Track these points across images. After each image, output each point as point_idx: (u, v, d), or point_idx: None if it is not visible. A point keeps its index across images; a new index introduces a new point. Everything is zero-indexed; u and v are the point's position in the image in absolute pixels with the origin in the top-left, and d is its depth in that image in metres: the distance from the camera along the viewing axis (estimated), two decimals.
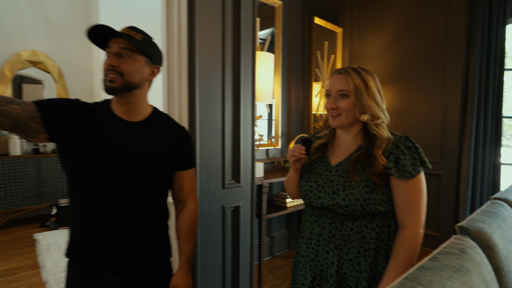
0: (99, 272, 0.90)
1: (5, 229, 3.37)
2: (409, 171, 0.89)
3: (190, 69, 1.37)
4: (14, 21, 3.55)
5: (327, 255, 0.96)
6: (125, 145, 0.90)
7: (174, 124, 1.03)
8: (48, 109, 0.86)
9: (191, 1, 1.34)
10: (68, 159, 0.88)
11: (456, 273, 0.64)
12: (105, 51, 0.90)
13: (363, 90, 0.92)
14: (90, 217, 0.88)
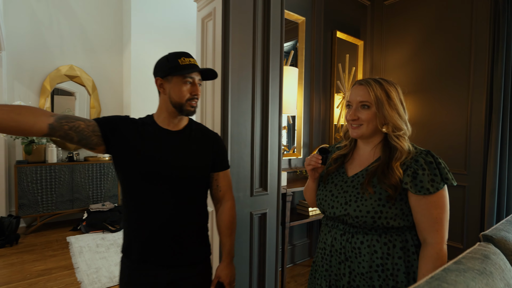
0: (151, 266, 1.01)
1: (40, 231, 3.59)
2: (426, 187, 0.85)
3: (223, 86, 1.49)
4: (56, 39, 3.87)
5: (339, 266, 0.95)
6: (173, 150, 1.03)
7: (208, 131, 1.16)
8: (106, 125, 0.99)
9: (226, 24, 1.47)
10: (125, 165, 1.00)
11: (479, 275, 0.70)
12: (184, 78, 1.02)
13: (384, 101, 0.91)
14: (144, 216, 1.00)
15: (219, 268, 1.12)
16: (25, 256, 2.90)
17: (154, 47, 4.15)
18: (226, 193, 1.17)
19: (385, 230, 0.90)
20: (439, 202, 0.85)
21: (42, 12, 3.76)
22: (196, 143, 1.08)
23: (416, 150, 0.91)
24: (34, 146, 3.51)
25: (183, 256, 1.03)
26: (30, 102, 3.71)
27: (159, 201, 1.01)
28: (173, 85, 1.02)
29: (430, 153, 0.90)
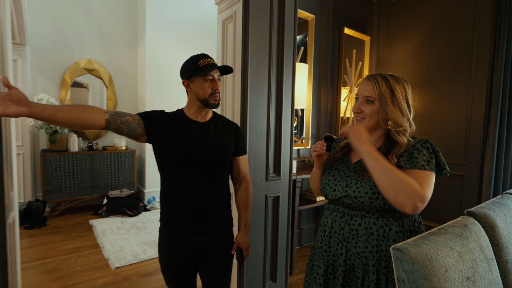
0: (186, 235, 1.22)
1: (64, 215, 3.86)
2: (421, 163, 0.89)
3: (243, 82, 1.67)
4: (75, 34, 4.05)
5: (337, 246, 1.02)
6: (203, 137, 1.22)
7: (229, 121, 1.35)
8: (148, 118, 1.18)
9: (245, 26, 1.64)
10: (164, 152, 1.20)
11: (456, 238, 0.89)
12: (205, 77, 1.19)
13: (388, 98, 0.95)
14: (181, 193, 1.20)
15: (238, 236, 1.34)
16: (54, 236, 3.16)
17: (167, 41, 4.31)
18: (245, 174, 1.37)
19: (382, 214, 0.95)
20: (427, 178, 0.87)
21: (62, 9, 3.94)
22: (221, 131, 1.27)
23: (415, 140, 0.96)
24: (57, 135, 3.74)
25: (212, 226, 1.24)
26: (52, 94, 3.93)
27: (192, 180, 1.20)
28: (197, 84, 1.20)
29: (428, 142, 0.95)
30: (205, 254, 1.26)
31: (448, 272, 0.76)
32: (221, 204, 1.28)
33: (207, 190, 1.22)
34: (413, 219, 0.98)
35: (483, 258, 0.89)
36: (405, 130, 0.97)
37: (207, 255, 1.26)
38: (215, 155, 1.23)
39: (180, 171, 1.20)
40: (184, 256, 1.24)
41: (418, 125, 3.03)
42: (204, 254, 1.26)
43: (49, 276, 2.34)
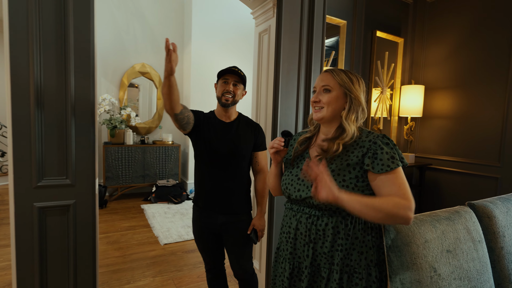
0: (210, 212, 1.50)
1: (120, 200, 4.44)
2: (387, 164, 0.89)
3: (275, 86, 1.93)
4: (131, 41, 4.62)
5: (303, 248, 0.99)
6: (226, 135, 1.48)
7: (252, 121, 1.58)
8: (197, 118, 1.50)
9: (278, 38, 1.90)
10: (199, 143, 1.50)
11: (444, 220, 1.07)
12: (222, 80, 1.47)
13: (349, 83, 0.98)
14: (208, 178, 1.49)
15: (255, 219, 1.54)
16: (113, 216, 3.70)
17: (211, 45, 4.71)
18: (263, 167, 1.57)
19: (348, 212, 0.91)
20: (398, 178, 0.89)
21: (121, 19, 4.51)
22: (242, 130, 1.51)
23: (373, 135, 0.97)
24: (116, 130, 4.32)
25: (231, 207, 1.49)
26: (113, 94, 4.53)
27: (216, 168, 1.48)
28: (218, 86, 1.49)
29: (385, 136, 0.96)
30: (226, 231, 1.50)
31: (428, 243, 0.96)
32: (240, 190, 1.51)
33: (227, 177, 1.48)
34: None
35: (468, 239, 1.06)
36: (358, 118, 0.99)
37: (227, 232, 1.51)
38: (234, 150, 1.47)
39: (208, 160, 1.49)
40: (208, 229, 1.52)
41: (452, 126, 3.05)
42: (225, 231, 1.50)
43: (112, 246, 2.82)
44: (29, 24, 1.29)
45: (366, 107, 1.01)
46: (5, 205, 4.03)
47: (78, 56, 1.40)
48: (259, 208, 1.57)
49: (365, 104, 1.00)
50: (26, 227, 1.36)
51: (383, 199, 0.86)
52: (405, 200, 0.85)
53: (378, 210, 0.83)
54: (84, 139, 1.44)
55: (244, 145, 1.49)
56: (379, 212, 0.83)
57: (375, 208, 0.84)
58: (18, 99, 1.30)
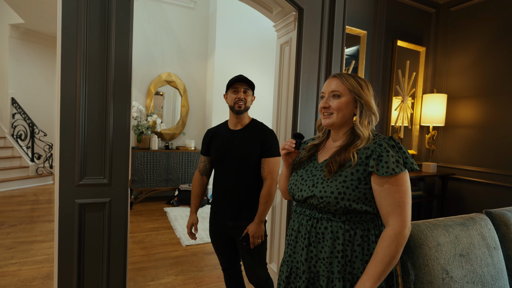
0: (221, 218, 1.57)
1: (143, 202, 4.64)
2: (392, 167, 0.86)
3: (295, 94, 2.02)
4: (158, 51, 4.88)
5: (302, 252, 0.98)
6: (232, 143, 1.53)
7: (260, 128, 1.56)
8: (207, 150, 1.64)
9: (299, 49, 1.99)
10: (210, 154, 1.63)
11: (458, 225, 1.10)
12: (232, 89, 1.53)
13: (359, 88, 0.96)
14: (218, 184, 1.58)
15: (250, 225, 1.49)
16: (138, 217, 3.89)
17: (233, 55, 4.89)
18: (268, 174, 1.51)
19: (348, 217, 0.92)
20: (401, 185, 0.87)
21: (150, 31, 4.79)
22: (249, 138, 1.52)
23: (379, 137, 0.95)
24: (143, 136, 4.55)
25: (239, 214, 1.52)
26: (140, 101, 4.79)
27: (225, 175, 1.54)
28: (228, 96, 1.55)
29: (392, 138, 0.93)
30: (236, 235, 1.52)
31: (441, 246, 1.00)
32: (249, 196, 1.52)
33: (235, 184, 1.51)
34: (379, 224, 0.95)
35: (483, 245, 1.09)
36: (370, 122, 0.97)
37: (238, 236, 1.52)
38: (240, 157, 1.50)
39: (217, 168, 1.59)
40: (221, 231, 1.58)
41: (477, 135, 2.99)
42: (235, 235, 1.53)
43: (137, 246, 2.97)
44: (78, 41, 1.47)
45: (377, 110, 0.99)
46: (40, 204, 4.34)
47: (118, 70, 1.56)
48: (257, 213, 1.50)
49: (376, 108, 0.98)
50: (68, 221, 1.52)
51: (382, 251, 0.85)
52: (399, 222, 0.85)
53: (388, 263, 0.84)
54: (119, 143, 1.59)
55: (247, 152, 1.50)
56: (390, 261, 0.84)
57: (386, 263, 0.84)
58: (66, 108, 1.47)
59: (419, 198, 3.11)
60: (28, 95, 6.25)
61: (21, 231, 3.22)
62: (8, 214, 3.79)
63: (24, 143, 5.93)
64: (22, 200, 4.49)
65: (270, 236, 2.27)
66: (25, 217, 3.69)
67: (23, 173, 5.48)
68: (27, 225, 3.43)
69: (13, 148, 5.71)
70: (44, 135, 5.97)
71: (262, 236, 1.50)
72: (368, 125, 0.96)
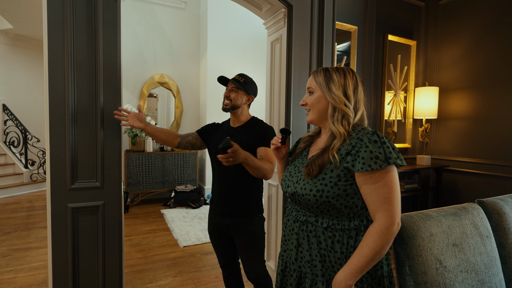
0: (219, 214, 1.56)
1: (140, 205, 4.62)
2: (368, 163, 0.83)
3: (287, 91, 2.02)
4: (150, 53, 4.85)
5: (292, 252, 1.00)
6: (230, 138, 1.50)
7: (261, 124, 1.56)
8: (202, 133, 1.67)
9: (289, 46, 1.99)
10: (209, 150, 1.63)
11: (450, 215, 1.11)
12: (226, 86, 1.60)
13: (324, 85, 0.95)
14: (216, 181, 1.57)
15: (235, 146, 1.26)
16: (135, 220, 3.87)
17: (226, 55, 4.87)
18: (264, 156, 1.45)
19: (330, 224, 0.90)
20: (386, 181, 0.83)
21: (141, 33, 4.76)
22: (247, 134, 1.52)
23: (363, 131, 0.90)
24: (137, 138, 4.53)
25: (237, 210, 1.51)
26: (134, 103, 4.76)
27: (222, 172, 1.52)
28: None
29: (376, 133, 0.88)
30: (234, 232, 1.52)
31: (433, 237, 1.01)
32: (246, 193, 1.51)
33: (232, 181, 1.50)
34: (363, 230, 0.91)
35: (476, 234, 1.10)
36: (345, 118, 0.93)
37: (235, 233, 1.52)
38: None
39: (215, 165, 1.57)
40: (218, 228, 1.58)
41: (470, 127, 3.01)
42: (233, 232, 1.53)
43: (134, 248, 2.95)
44: (64, 44, 1.45)
45: (358, 102, 0.95)
46: (36, 210, 4.29)
47: (106, 72, 1.55)
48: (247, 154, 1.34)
49: (353, 100, 0.94)
50: (61, 226, 1.50)
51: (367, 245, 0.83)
52: (386, 218, 0.82)
53: (372, 258, 0.81)
54: (111, 146, 1.58)
55: (247, 147, 1.46)
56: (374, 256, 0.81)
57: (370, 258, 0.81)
58: (55, 112, 1.45)
59: (414, 190, 3.13)
60: (19, 101, 6.18)
61: (16, 238, 3.18)
62: (3, 221, 3.75)
63: (17, 150, 5.86)
64: (17, 207, 4.44)
65: (268, 233, 2.27)
66: (20, 224, 3.65)
67: (17, 180, 5.42)
68: (22, 232, 3.39)
69: (6, 155, 5.65)
70: (37, 141, 5.91)
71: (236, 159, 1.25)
72: (343, 120, 0.92)
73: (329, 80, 0.94)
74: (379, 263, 0.91)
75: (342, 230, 0.90)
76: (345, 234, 0.89)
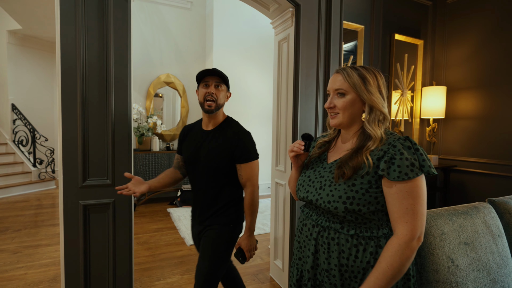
0: (194, 221, 1.49)
1: (147, 204, 4.65)
2: (405, 172, 0.78)
3: (294, 91, 2.02)
4: (157, 53, 4.89)
5: (308, 259, 0.94)
6: (201, 145, 1.40)
7: (233, 129, 1.37)
8: (180, 150, 1.53)
9: (297, 45, 1.99)
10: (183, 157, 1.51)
11: (462, 214, 1.10)
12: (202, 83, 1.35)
13: (361, 85, 0.88)
14: (192, 187, 1.48)
15: (241, 239, 1.38)
16: (142, 219, 3.90)
17: (231, 54, 4.89)
18: (246, 181, 1.37)
19: (357, 230, 0.85)
20: (413, 191, 0.78)
21: (148, 33, 4.79)
22: (219, 140, 1.36)
23: (394, 137, 0.86)
24: (144, 138, 4.56)
25: (208, 219, 1.40)
26: (140, 103, 4.79)
27: (195, 179, 1.43)
28: (199, 91, 1.38)
29: (408, 138, 0.84)
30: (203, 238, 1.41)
31: (445, 235, 1.01)
32: (219, 202, 1.38)
33: (205, 189, 1.39)
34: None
35: (487, 232, 1.09)
36: (380, 121, 0.89)
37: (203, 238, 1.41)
38: (209, 160, 1.35)
39: (188, 171, 1.48)
40: (194, 234, 1.50)
41: (477, 127, 2.99)
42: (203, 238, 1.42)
43: (142, 247, 2.98)
44: (76, 43, 1.48)
45: (385, 105, 0.90)
46: (44, 208, 4.35)
47: (117, 70, 1.57)
48: (246, 225, 1.40)
49: (384, 104, 0.89)
50: (73, 223, 1.52)
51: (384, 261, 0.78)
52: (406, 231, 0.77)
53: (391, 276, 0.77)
54: (121, 144, 1.60)
55: (216, 155, 1.34)
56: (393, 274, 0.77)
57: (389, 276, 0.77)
58: (67, 110, 1.47)
59: None
60: (28, 101, 6.27)
61: (26, 236, 3.23)
62: (13, 219, 3.81)
63: (26, 149, 5.94)
64: (26, 205, 4.51)
65: (274, 231, 2.28)
66: (29, 222, 3.70)
67: (25, 179, 5.49)
68: (31, 229, 3.44)
69: (15, 154, 5.73)
70: (45, 139, 5.98)
71: (256, 246, 1.42)
72: (379, 123, 0.88)
73: (364, 81, 0.88)
74: (407, 275, 0.85)
75: (370, 238, 0.84)
76: (374, 243, 0.83)
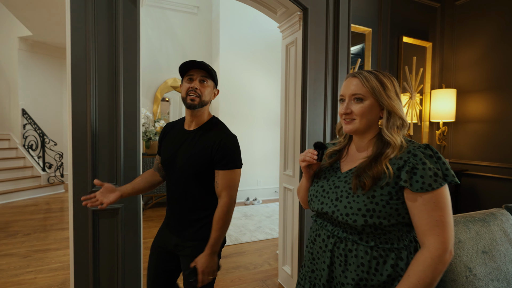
0: (167, 228, 1.30)
1: (153, 208, 4.66)
2: (428, 182, 0.75)
3: (302, 95, 2.01)
4: (164, 58, 4.92)
5: (323, 272, 0.88)
6: (180, 147, 1.24)
7: (216, 132, 1.22)
8: (160, 150, 1.35)
9: (304, 49, 1.98)
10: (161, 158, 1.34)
11: (479, 221, 1.07)
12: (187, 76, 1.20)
13: (381, 90, 0.84)
14: (168, 192, 1.31)
15: (199, 257, 1.16)
16: (149, 223, 3.90)
17: (238, 57, 4.91)
18: (222, 191, 1.19)
19: (377, 241, 0.81)
20: (439, 202, 0.75)
21: (155, 39, 4.84)
22: (201, 143, 1.21)
23: (414, 145, 0.82)
24: (151, 142, 4.59)
25: (185, 231, 1.23)
26: (147, 108, 4.83)
27: (171, 184, 1.26)
28: (182, 85, 1.22)
29: (429, 146, 0.80)
30: (181, 253, 1.24)
31: (462, 243, 0.98)
32: (197, 212, 1.22)
33: (182, 196, 1.23)
34: (414, 251, 0.83)
35: (506, 241, 1.06)
36: (399, 127, 0.85)
37: (182, 256, 1.24)
38: (187, 164, 1.20)
39: (166, 174, 1.31)
40: (162, 244, 1.31)
41: (487, 130, 2.94)
42: (180, 253, 1.24)
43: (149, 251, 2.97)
44: (87, 50, 1.49)
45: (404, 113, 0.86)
46: (53, 212, 4.39)
47: (126, 74, 1.57)
48: (209, 243, 1.18)
49: (402, 109, 0.86)
50: (83, 228, 1.53)
51: (415, 275, 0.74)
52: (438, 245, 0.73)
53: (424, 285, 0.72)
54: (130, 150, 1.60)
55: (194, 159, 1.19)
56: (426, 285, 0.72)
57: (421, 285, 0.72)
58: (77, 115, 1.49)
59: None
60: (37, 106, 6.36)
61: (36, 240, 3.26)
62: (22, 223, 3.84)
63: (35, 153, 6.02)
64: (35, 209, 4.55)
65: (283, 237, 2.26)
66: (38, 226, 3.73)
67: (35, 183, 5.56)
68: (41, 233, 3.47)
69: (25, 158, 5.81)
70: (54, 144, 6.06)
71: (215, 271, 1.19)
72: (398, 130, 0.84)
73: (383, 85, 0.85)
74: None
75: (390, 250, 0.80)
76: (394, 255, 0.80)
